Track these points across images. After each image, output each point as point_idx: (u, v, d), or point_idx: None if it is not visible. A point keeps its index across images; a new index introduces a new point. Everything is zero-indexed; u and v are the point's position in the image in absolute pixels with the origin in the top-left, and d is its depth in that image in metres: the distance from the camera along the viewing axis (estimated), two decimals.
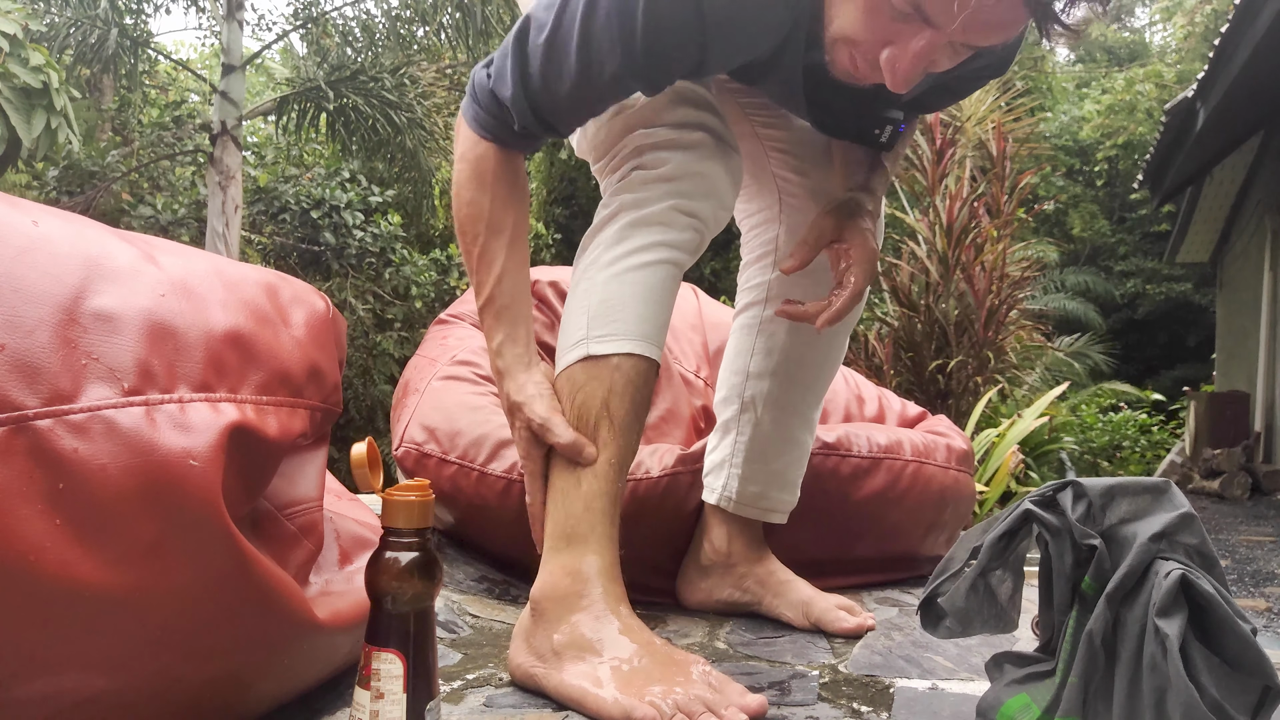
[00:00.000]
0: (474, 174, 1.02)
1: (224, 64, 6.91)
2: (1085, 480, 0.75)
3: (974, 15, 0.80)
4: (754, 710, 0.82)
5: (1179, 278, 12.93)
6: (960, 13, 0.80)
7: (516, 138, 1.01)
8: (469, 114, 1.02)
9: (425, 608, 0.68)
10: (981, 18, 0.81)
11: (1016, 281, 4.71)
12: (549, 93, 0.96)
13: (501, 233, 1.01)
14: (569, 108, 0.98)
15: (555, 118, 0.99)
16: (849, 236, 1.09)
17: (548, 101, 0.96)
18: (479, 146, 1.02)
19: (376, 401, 7.51)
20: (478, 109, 1.01)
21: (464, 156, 1.02)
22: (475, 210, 1.01)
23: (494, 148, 1.01)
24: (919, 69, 0.86)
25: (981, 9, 0.79)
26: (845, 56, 0.90)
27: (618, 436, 0.96)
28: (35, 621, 0.59)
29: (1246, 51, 4.61)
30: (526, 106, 0.97)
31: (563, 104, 0.97)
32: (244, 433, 0.69)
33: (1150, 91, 12.12)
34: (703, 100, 1.05)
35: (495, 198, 1.01)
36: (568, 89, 0.95)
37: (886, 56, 0.86)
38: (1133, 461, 8.41)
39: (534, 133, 1.00)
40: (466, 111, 1.02)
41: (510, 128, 1.00)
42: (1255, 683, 0.66)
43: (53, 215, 0.70)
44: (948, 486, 1.53)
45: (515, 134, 1.00)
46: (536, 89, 0.96)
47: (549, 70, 0.94)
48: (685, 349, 1.79)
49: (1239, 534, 3.67)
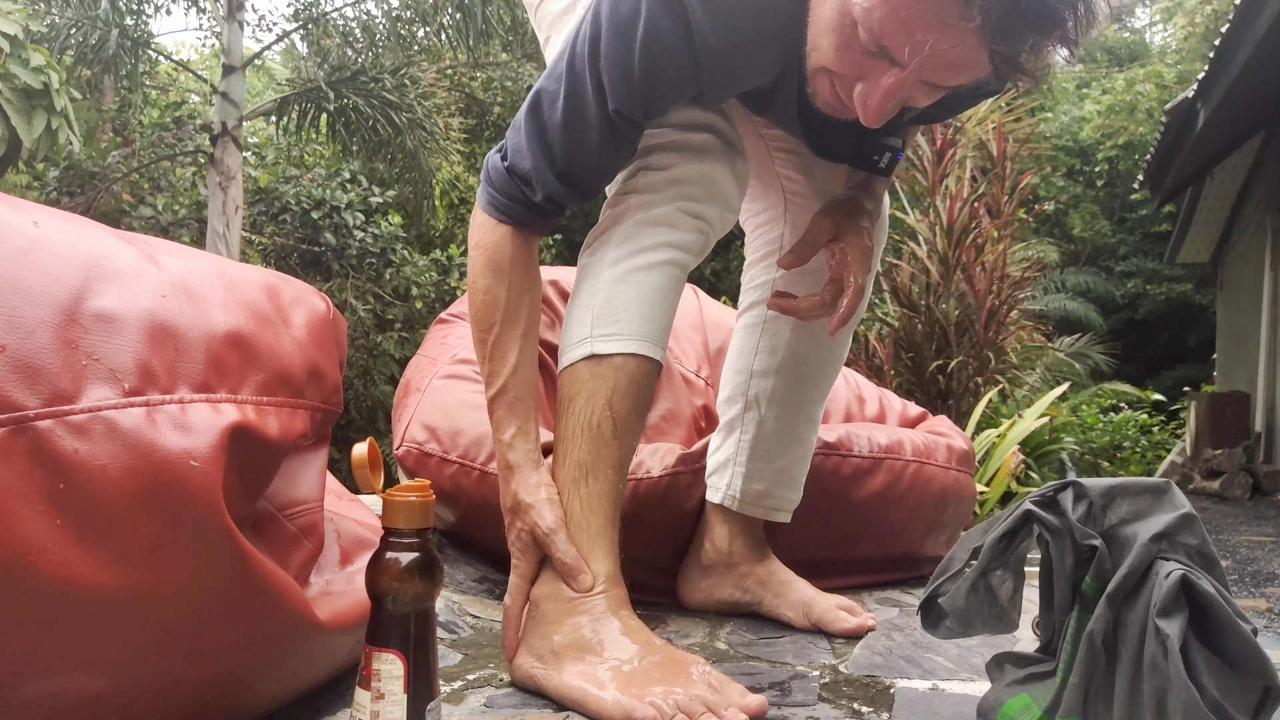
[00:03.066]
0: (489, 261, 1.00)
1: (224, 65, 6.92)
2: (1086, 480, 0.75)
3: (931, 59, 0.81)
4: (754, 710, 0.82)
5: (1179, 278, 12.92)
6: (914, 56, 0.81)
7: (536, 215, 1.00)
8: (484, 200, 1.01)
9: (426, 608, 0.68)
10: (940, 61, 0.81)
11: (1017, 282, 4.70)
12: (576, 151, 0.96)
13: (516, 323, 1.00)
14: (597, 159, 0.98)
15: (582, 177, 0.98)
16: (845, 235, 1.09)
17: (575, 160, 0.96)
18: (495, 231, 1.00)
19: (377, 402, 7.51)
20: (493, 193, 1.00)
21: (479, 244, 1.01)
22: (491, 299, 1.00)
23: (511, 231, 1.00)
24: (889, 105, 0.87)
25: (936, 54, 0.80)
26: (825, 87, 0.92)
27: (620, 435, 0.96)
28: (36, 622, 0.59)
29: (1247, 52, 4.61)
30: (550, 173, 0.96)
31: (591, 158, 0.97)
32: (245, 433, 0.69)
33: (1151, 92, 12.11)
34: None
35: (511, 286, 1.00)
36: (595, 138, 0.95)
37: (859, 91, 0.87)
38: (1133, 462, 8.41)
39: (558, 202, 0.99)
40: (481, 199, 1.02)
41: (530, 205, 0.99)
42: (1256, 683, 0.66)
43: (53, 216, 0.70)
44: (948, 487, 1.53)
45: (534, 210, 0.99)
46: (560, 153, 0.96)
47: (572, 128, 0.95)
48: (686, 349, 1.79)
49: (1239, 534, 3.67)
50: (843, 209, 1.11)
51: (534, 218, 1.00)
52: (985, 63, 0.81)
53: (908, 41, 0.80)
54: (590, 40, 0.92)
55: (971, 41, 0.78)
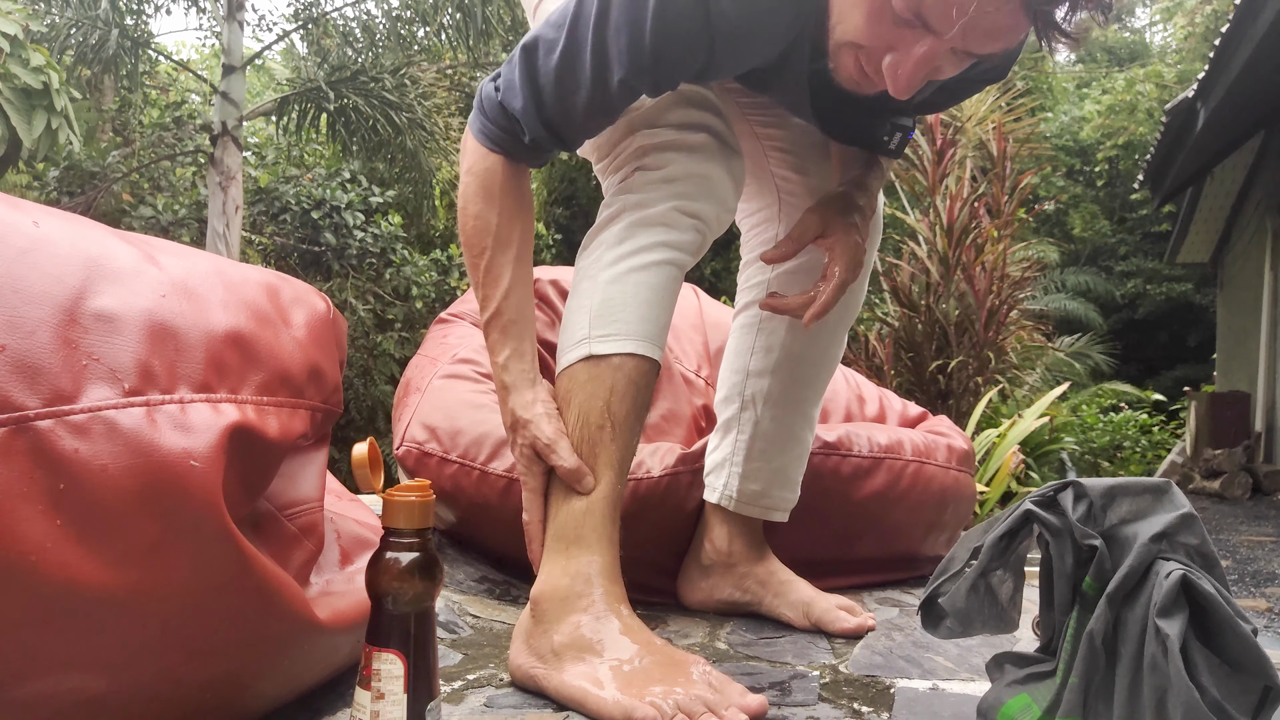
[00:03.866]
0: (481, 187, 1.01)
1: (224, 64, 6.92)
2: (1086, 480, 0.75)
3: (973, 22, 0.80)
4: (754, 710, 0.82)
5: (1179, 278, 12.93)
6: (959, 19, 0.80)
7: (525, 150, 1.01)
8: (476, 127, 1.02)
9: (426, 608, 0.68)
10: (982, 25, 0.81)
11: (1017, 282, 4.71)
12: (562, 106, 0.96)
13: (509, 247, 1.01)
14: (583, 119, 0.98)
15: (567, 130, 0.99)
16: (833, 231, 1.09)
17: (560, 114, 0.97)
18: (487, 160, 1.01)
19: (377, 402, 7.51)
20: (485, 122, 1.01)
21: (471, 170, 1.02)
22: (482, 224, 1.01)
23: (502, 160, 1.01)
24: (920, 75, 0.86)
25: (982, 16, 0.79)
26: (850, 61, 0.90)
27: (619, 436, 0.96)
28: (36, 622, 0.59)
29: (1247, 52, 4.61)
30: (537, 119, 0.97)
31: (577, 116, 0.97)
32: (245, 433, 0.69)
33: (1151, 92, 12.11)
34: (706, 101, 1.06)
35: (503, 211, 1.01)
36: (583, 100, 0.95)
37: (889, 63, 0.86)
38: (1133, 462, 8.41)
39: (543, 146, 1.00)
40: (473, 125, 1.02)
41: (519, 140, 1.00)
42: (1256, 683, 0.66)
43: (53, 216, 0.70)
44: (948, 486, 1.53)
45: (524, 146, 1.00)
46: (549, 102, 0.96)
47: (563, 83, 0.94)
48: (686, 349, 1.79)
49: (1240, 534, 3.67)
50: (833, 205, 1.11)
51: (524, 152, 1.01)
52: (1025, 26, 0.81)
53: (950, 6, 0.79)
54: (600, 3, 0.91)
55: (1014, 4, 0.78)
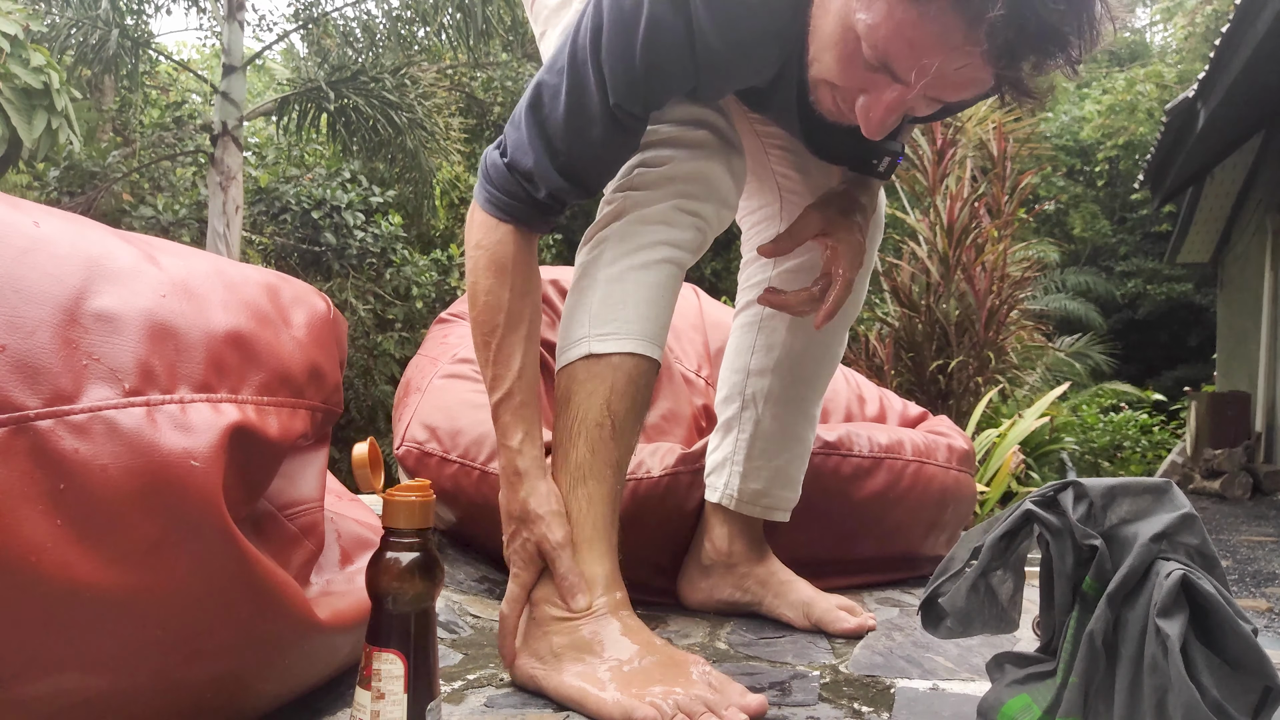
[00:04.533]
0: (492, 261, 0.98)
1: (225, 64, 6.92)
2: (1086, 480, 0.75)
3: (937, 79, 0.81)
4: (754, 710, 0.82)
5: (1180, 278, 12.92)
6: (920, 79, 0.81)
7: (538, 213, 0.98)
8: (483, 198, 0.99)
9: (426, 608, 0.68)
10: (947, 80, 0.82)
11: (1017, 282, 4.71)
12: (581, 149, 0.95)
13: (520, 326, 0.98)
14: (601, 157, 0.97)
15: (587, 173, 0.97)
16: (835, 230, 1.09)
17: (579, 156, 0.95)
18: (497, 231, 0.98)
19: (377, 402, 7.51)
20: (493, 191, 0.98)
21: (480, 244, 0.99)
22: (494, 300, 0.98)
23: (512, 230, 0.98)
24: (892, 119, 0.87)
25: (944, 75, 0.80)
26: (827, 97, 0.92)
27: (618, 435, 0.96)
28: (36, 622, 0.59)
29: (1247, 52, 4.61)
30: (553, 169, 0.95)
31: (595, 151, 0.96)
32: (245, 433, 0.69)
33: (1151, 92, 12.10)
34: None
35: (514, 288, 0.98)
36: (600, 137, 0.94)
37: (861, 104, 0.87)
38: (1133, 462, 8.41)
39: (561, 198, 0.98)
40: (480, 197, 1.00)
41: (532, 202, 0.97)
42: (1256, 683, 0.66)
43: (54, 216, 0.70)
44: (949, 486, 1.53)
45: (538, 207, 0.98)
46: (563, 148, 0.94)
47: (574, 127, 0.93)
48: (687, 349, 1.79)
49: (1240, 534, 3.67)
50: (835, 204, 1.11)
51: (536, 215, 0.99)
52: (989, 81, 0.81)
53: (913, 63, 0.80)
54: (592, 32, 0.91)
55: (977, 63, 0.78)
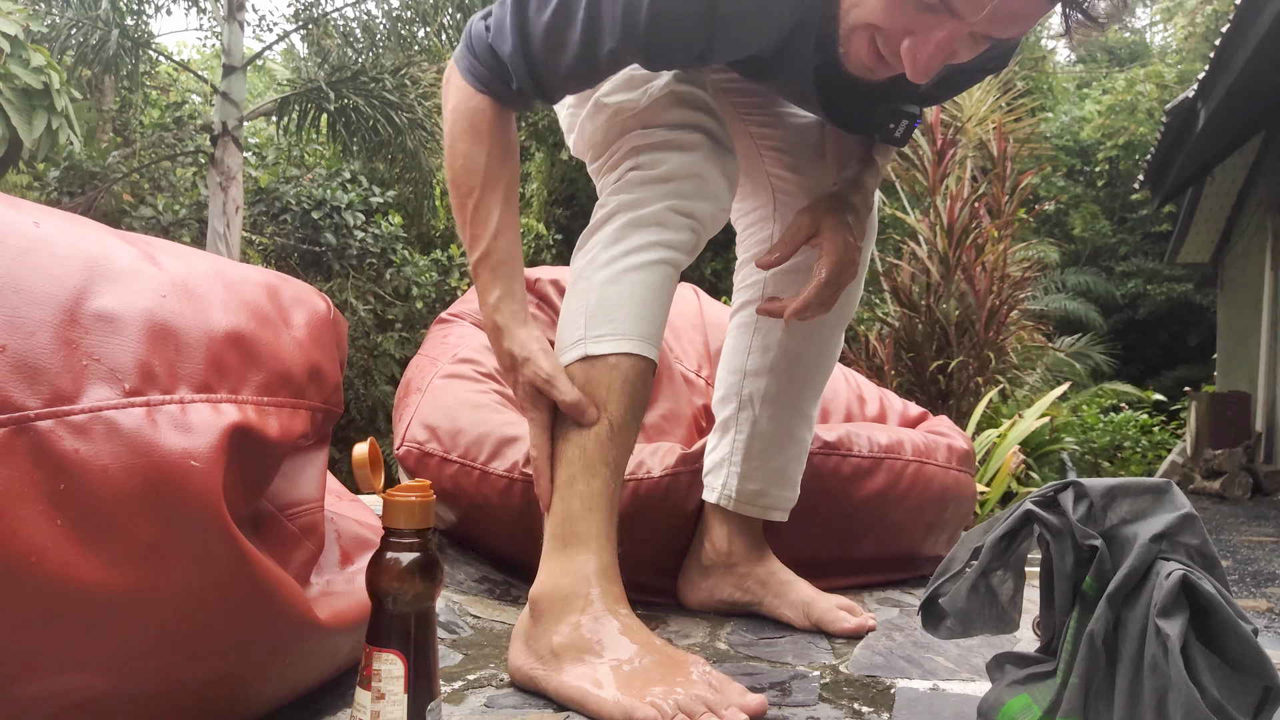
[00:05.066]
0: (469, 126, 1.01)
1: (225, 65, 6.91)
2: (1086, 481, 0.75)
3: (1000, 6, 0.80)
4: (754, 710, 0.82)
5: (1180, 278, 12.92)
6: (988, 3, 0.80)
7: (512, 95, 1.01)
8: (464, 65, 1.01)
9: (426, 608, 0.68)
10: (1007, 9, 0.81)
11: (1017, 282, 4.70)
12: (549, 63, 0.96)
13: (497, 187, 1.01)
14: (565, 79, 0.99)
15: (551, 86, 0.99)
16: (824, 230, 1.09)
17: (547, 70, 0.97)
18: (474, 99, 1.00)
19: (377, 402, 7.51)
20: (474, 61, 1.00)
21: (458, 109, 1.01)
22: (471, 163, 1.00)
23: (490, 101, 1.00)
24: (939, 60, 0.86)
25: (1005, 4, 0.80)
26: (864, 45, 0.90)
27: (616, 435, 0.96)
28: (36, 622, 0.59)
29: (1247, 52, 4.61)
30: (525, 70, 0.96)
31: (560, 76, 0.97)
32: (245, 433, 0.69)
33: (1151, 92, 12.11)
34: (700, 102, 1.06)
35: (491, 152, 1.00)
36: (568, 63, 0.95)
37: (907, 46, 0.86)
38: (1134, 462, 8.41)
39: (528, 94, 1.00)
40: (461, 62, 1.01)
41: (507, 84, 0.99)
42: (1256, 683, 0.66)
43: (54, 216, 0.70)
44: (949, 487, 1.53)
45: (511, 92, 1.00)
46: (536, 56, 0.96)
47: (550, 42, 0.94)
48: (686, 349, 1.79)
49: (1240, 534, 3.67)
50: (825, 204, 1.11)
51: (511, 97, 1.01)
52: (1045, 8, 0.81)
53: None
54: None
55: None
